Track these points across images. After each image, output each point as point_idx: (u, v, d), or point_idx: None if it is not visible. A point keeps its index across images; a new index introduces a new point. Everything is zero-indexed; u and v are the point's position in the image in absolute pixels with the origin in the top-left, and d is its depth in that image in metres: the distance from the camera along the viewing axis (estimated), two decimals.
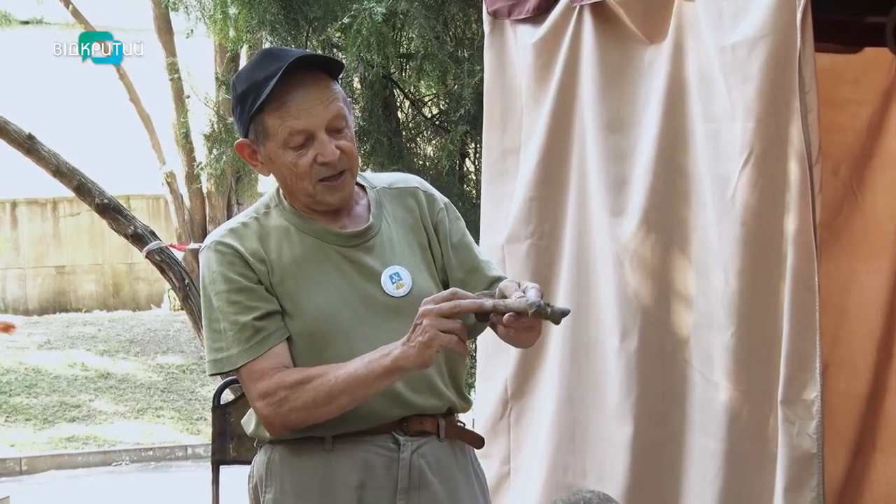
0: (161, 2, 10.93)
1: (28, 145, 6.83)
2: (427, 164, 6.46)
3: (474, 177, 6.55)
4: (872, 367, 4.05)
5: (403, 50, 6.45)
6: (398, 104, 6.72)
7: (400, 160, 6.26)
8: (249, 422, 2.42)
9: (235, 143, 2.44)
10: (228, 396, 3.21)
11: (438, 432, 2.38)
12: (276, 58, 2.30)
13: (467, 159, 6.74)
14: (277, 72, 2.25)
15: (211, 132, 8.99)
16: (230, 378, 2.96)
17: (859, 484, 4.06)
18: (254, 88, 2.29)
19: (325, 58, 2.40)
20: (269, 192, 2.45)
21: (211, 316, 2.34)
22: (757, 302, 2.93)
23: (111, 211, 6.81)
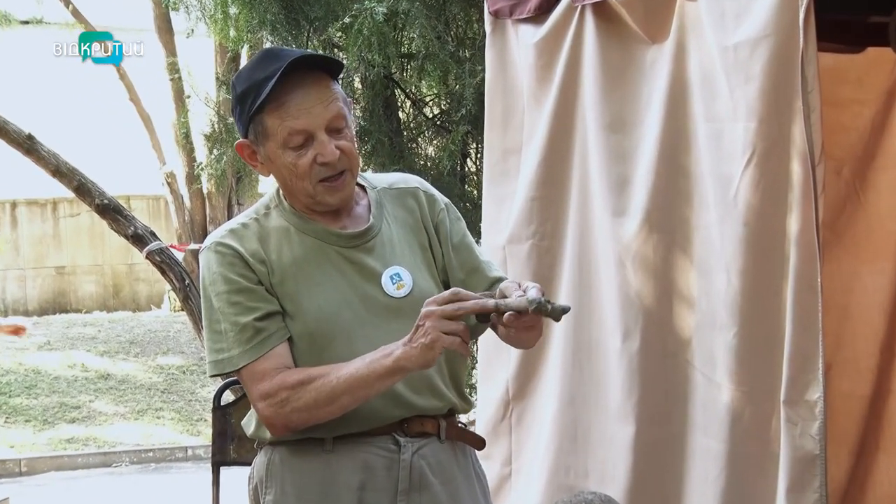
0: (161, 1, 10.94)
1: (28, 145, 6.82)
2: (428, 165, 6.46)
3: (475, 177, 6.55)
4: (875, 368, 4.04)
5: (404, 50, 6.45)
6: (399, 104, 6.72)
7: (401, 160, 6.26)
8: (250, 423, 2.41)
9: (235, 144, 2.43)
10: (229, 397, 3.20)
11: (439, 433, 2.37)
12: (276, 58, 2.30)
13: (469, 159, 6.74)
14: (277, 72, 2.25)
15: (211, 132, 9.00)
16: (231, 379, 2.96)
17: (862, 485, 4.06)
18: (253, 88, 2.28)
19: (325, 58, 2.40)
20: (270, 193, 2.45)
21: (211, 317, 2.33)
22: (759, 302, 2.92)
23: (111, 211, 6.80)
